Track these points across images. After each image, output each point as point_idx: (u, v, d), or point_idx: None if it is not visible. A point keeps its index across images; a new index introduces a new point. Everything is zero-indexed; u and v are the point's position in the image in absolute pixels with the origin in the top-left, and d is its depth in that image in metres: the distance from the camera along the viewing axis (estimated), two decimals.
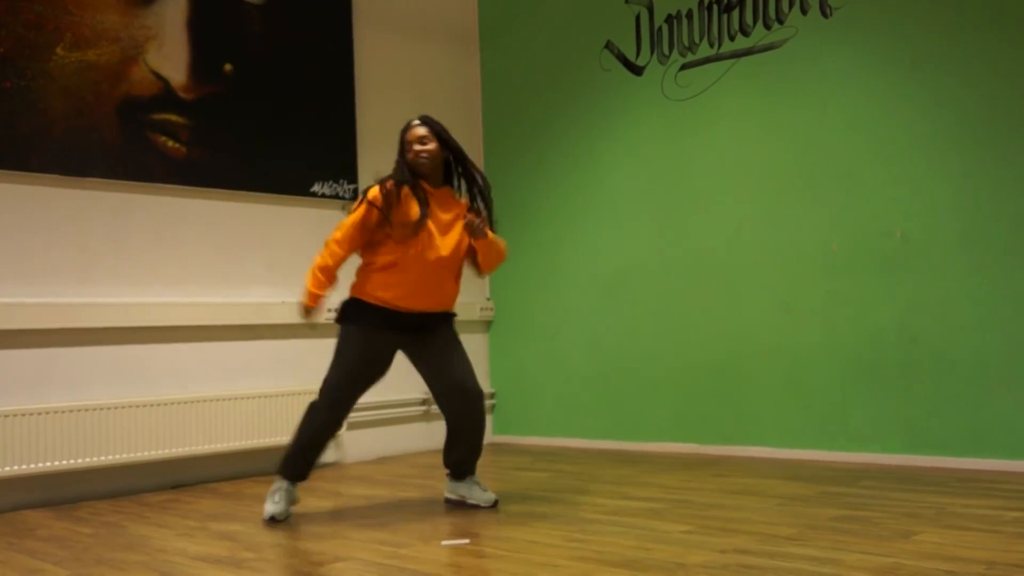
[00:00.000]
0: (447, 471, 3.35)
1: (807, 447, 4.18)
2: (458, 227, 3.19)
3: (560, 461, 4.47)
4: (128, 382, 4.04)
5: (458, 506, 3.29)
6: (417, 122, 3.22)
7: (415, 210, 3.11)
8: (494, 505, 3.23)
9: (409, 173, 3.16)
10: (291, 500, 3.25)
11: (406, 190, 3.12)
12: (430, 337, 3.22)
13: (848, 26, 4.09)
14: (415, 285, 3.13)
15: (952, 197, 3.79)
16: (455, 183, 3.31)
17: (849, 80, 4.09)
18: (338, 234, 3.15)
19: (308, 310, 3.16)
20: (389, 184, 3.12)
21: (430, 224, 3.13)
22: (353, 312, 3.17)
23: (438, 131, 3.20)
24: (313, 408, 3.23)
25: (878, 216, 3.99)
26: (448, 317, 3.31)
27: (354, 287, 3.21)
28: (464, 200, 3.28)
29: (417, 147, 3.16)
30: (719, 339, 4.49)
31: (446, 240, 3.17)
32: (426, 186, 3.17)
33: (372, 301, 3.14)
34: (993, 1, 3.69)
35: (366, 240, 3.16)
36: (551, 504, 3.28)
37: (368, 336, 3.15)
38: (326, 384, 3.19)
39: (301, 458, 3.27)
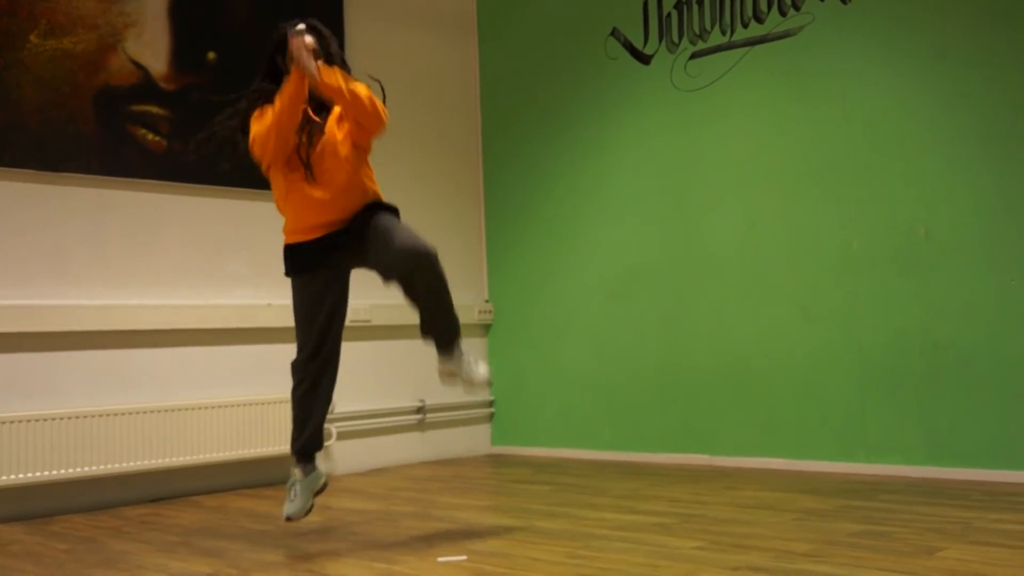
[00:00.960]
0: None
1: (824, 458, 4.18)
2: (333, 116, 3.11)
3: (563, 473, 4.47)
4: (104, 389, 4.04)
5: (452, 380, 3.20)
6: (298, 26, 3.02)
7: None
8: (487, 383, 3.20)
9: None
10: (311, 490, 3.12)
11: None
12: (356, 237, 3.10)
13: (868, 13, 4.09)
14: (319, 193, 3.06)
15: (979, 193, 3.80)
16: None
17: (869, 70, 4.09)
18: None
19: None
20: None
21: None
22: (285, 260, 3.19)
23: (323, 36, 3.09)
24: (292, 367, 3.23)
25: (900, 213, 3.99)
26: (369, 208, 3.14)
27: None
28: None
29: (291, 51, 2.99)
30: (731, 344, 4.50)
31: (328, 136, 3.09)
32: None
33: (289, 239, 3.16)
34: None
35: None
36: (553, 519, 3.28)
37: (301, 284, 3.16)
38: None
39: (300, 425, 3.16)
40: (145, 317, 4.14)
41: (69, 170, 4.01)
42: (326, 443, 4.20)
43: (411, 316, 3.24)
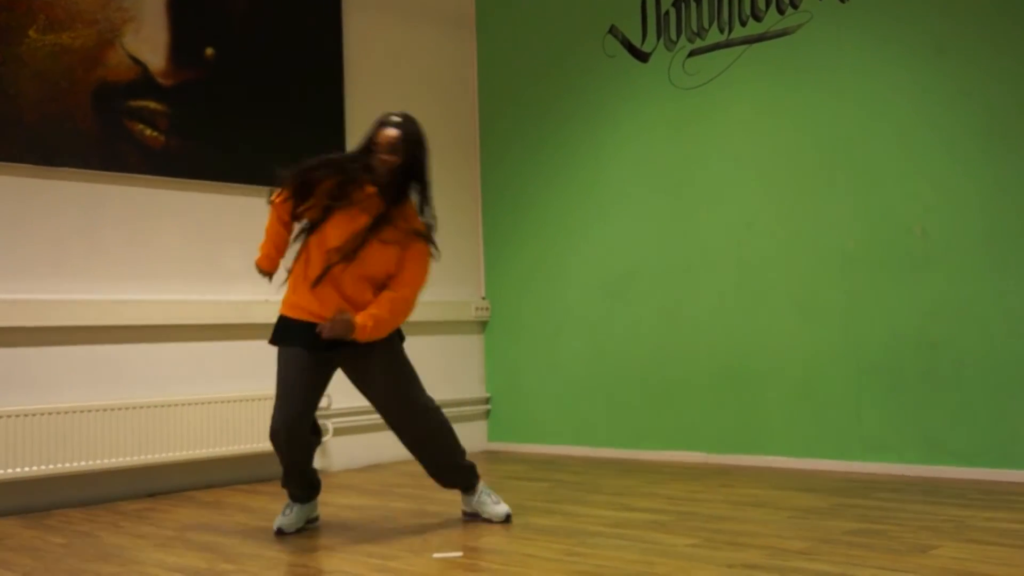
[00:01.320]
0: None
1: (820, 456, 4.19)
2: (394, 236, 3.10)
3: (559, 470, 4.47)
4: (101, 384, 4.04)
5: (475, 519, 3.26)
6: (392, 119, 3.10)
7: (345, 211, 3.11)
8: (507, 519, 3.19)
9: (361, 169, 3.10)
10: (306, 516, 3.26)
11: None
12: (364, 355, 3.16)
13: (866, 10, 4.10)
14: (327, 292, 3.11)
15: (977, 192, 3.80)
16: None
17: (867, 68, 4.10)
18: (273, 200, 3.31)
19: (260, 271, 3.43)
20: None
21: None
22: (277, 329, 3.28)
23: (411, 140, 3.07)
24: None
25: (898, 212, 4.00)
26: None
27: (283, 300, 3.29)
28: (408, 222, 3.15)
29: (385, 156, 3.04)
30: (729, 342, 4.50)
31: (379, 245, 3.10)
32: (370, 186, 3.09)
33: (289, 313, 3.22)
34: None
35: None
36: (549, 516, 3.28)
37: (287, 355, 3.21)
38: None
39: (289, 479, 3.22)
40: (142, 312, 4.14)
41: (67, 165, 4.00)
42: (324, 438, 4.23)
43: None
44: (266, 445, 4.34)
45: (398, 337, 3.24)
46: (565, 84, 5.19)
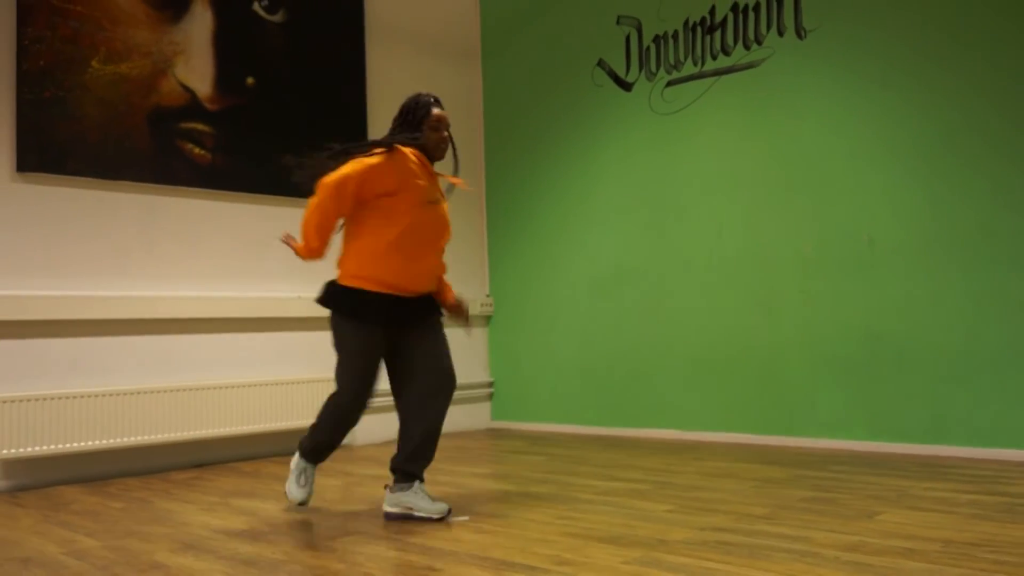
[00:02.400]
0: (394, 473, 2.78)
1: (780, 434, 4.19)
2: (445, 206, 2.85)
3: (553, 445, 4.48)
4: (156, 369, 4.04)
5: (402, 519, 2.72)
6: (437, 101, 2.82)
7: (423, 183, 2.74)
8: (447, 515, 2.70)
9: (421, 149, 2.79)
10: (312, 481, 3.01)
11: (418, 161, 2.76)
12: (420, 322, 2.83)
13: (821, 47, 4.09)
14: (421, 264, 2.75)
15: (916, 205, 3.80)
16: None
17: (822, 97, 4.09)
18: (343, 175, 2.66)
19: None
20: (412, 149, 2.76)
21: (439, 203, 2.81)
22: (350, 302, 2.72)
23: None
24: (336, 398, 2.81)
25: (848, 222, 4.00)
26: (434, 300, 2.90)
27: (351, 271, 2.73)
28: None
29: (446, 133, 2.81)
30: (700, 335, 4.50)
31: (444, 218, 2.84)
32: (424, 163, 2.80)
33: (372, 287, 2.70)
34: (951, 26, 3.70)
35: (355, 204, 2.72)
36: (544, 485, 3.28)
37: (367, 334, 2.72)
38: (343, 379, 2.77)
39: (327, 445, 2.89)
40: (191, 307, 4.14)
41: (126, 179, 4.00)
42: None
43: None
44: (299, 423, 4.36)
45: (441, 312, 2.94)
46: (559, 109, 5.19)
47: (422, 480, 2.76)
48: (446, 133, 2.82)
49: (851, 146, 4.00)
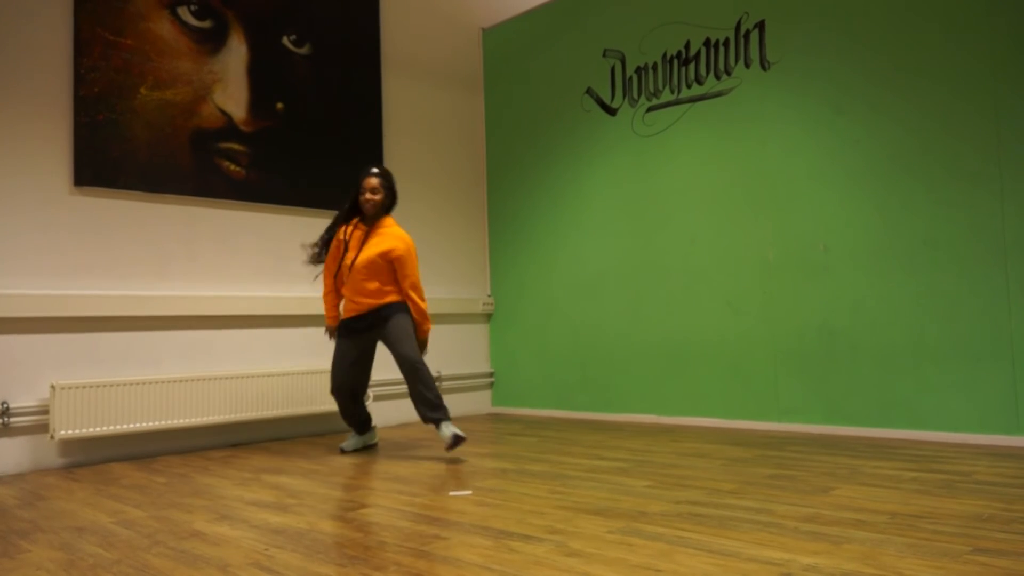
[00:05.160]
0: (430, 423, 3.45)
1: (746, 418, 4.19)
2: (376, 243, 3.52)
3: (546, 428, 4.47)
4: (196, 360, 4.03)
5: (456, 443, 3.34)
6: (374, 171, 3.57)
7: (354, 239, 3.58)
8: (455, 441, 3.31)
9: (350, 211, 3.61)
10: (364, 441, 3.80)
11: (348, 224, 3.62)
12: (382, 327, 3.53)
13: (783, 77, 4.09)
14: (351, 293, 3.54)
15: (867, 216, 3.80)
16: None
17: (784, 121, 4.09)
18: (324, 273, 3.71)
19: (328, 329, 3.73)
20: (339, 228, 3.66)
21: (353, 248, 3.56)
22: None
23: (388, 184, 3.58)
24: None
25: (806, 232, 4.00)
26: (385, 309, 3.52)
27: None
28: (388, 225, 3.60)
29: (368, 195, 3.54)
30: (676, 330, 4.50)
31: (365, 252, 3.51)
32: (359, 222, 3.59)
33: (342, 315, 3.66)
34: (898, 56, 3.70)
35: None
36: (538, 463, 3.28)
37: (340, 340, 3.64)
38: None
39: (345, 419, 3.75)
40: (227, 305, 4.14)
41: (170, 192, 4.00)
42: (366, 401, 4.24)
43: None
44: (323, 407, 4.36)
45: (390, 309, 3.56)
46: (552, 132, 5.18)
47: (448, 419, 3.40)
48: (368, 195, 3.53)
49: (809, 165, 4.00)
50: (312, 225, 4.55)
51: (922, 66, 3.63)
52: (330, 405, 4.37)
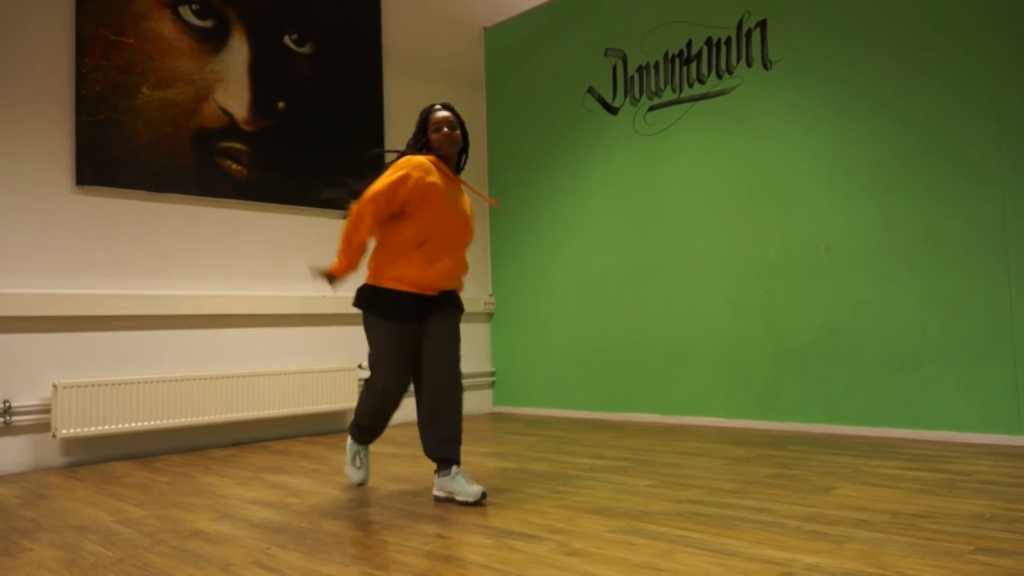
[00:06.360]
0: (437, 463, 2.59)
1: (747, 418, 4.18)
2: (466, 201, 2.70)
3: (548, 427, 4.47)
4: (197, 359, 4.04)
5: (447, 502, 2.55)
6: (440, 106, 2.67)
7: (440, 185, 2.56)
8: (482, 498, 2.50)
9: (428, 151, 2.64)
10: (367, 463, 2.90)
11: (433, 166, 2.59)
12: (437, 315, 2.64)
13: (785, 76, 4.09)
14: (445, 262, 2.60)
15: (868, 215, 3.79)
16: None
17: (785, 120, 4.09)
18: (374, 192, 2.51)
19: (332, 280, 2.65)
20: (426, 157, 2.59)
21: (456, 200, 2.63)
22: (380, 302, 2.59)
23: (460, 120, 2.69)
24: (371, 387, 2.69)
25: (807, 231, 3.99)
26: (455, 294, 2.73)
27: (378, 272, 2.60)
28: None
29: (446, 129, 2.63)
30: (677, 329, 4.49)
31: (465, 217, 2.67)
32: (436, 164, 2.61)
33: (398, 287, 2.56)
34: (898, 55, 3.69)
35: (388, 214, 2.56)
36: (540, 462, 3.28)
37: (400, 331, 2.58)
38: (376, 371, 2.64)
39: (370, 429, 2.80)
40: (228, 304, 4.14)
41: (171, 191, 4.00)
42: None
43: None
44: (323, 407, 4.36)
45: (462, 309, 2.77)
46: (554, 131, 5.18)
47: (459, 464, 2.56)
48: (446, 129, 2.62)
49: (810, 164, 3.99)
50: (313, 224, 4.55)
51: (923, 65, 3.62)
52: (330, 405, 4.36)
